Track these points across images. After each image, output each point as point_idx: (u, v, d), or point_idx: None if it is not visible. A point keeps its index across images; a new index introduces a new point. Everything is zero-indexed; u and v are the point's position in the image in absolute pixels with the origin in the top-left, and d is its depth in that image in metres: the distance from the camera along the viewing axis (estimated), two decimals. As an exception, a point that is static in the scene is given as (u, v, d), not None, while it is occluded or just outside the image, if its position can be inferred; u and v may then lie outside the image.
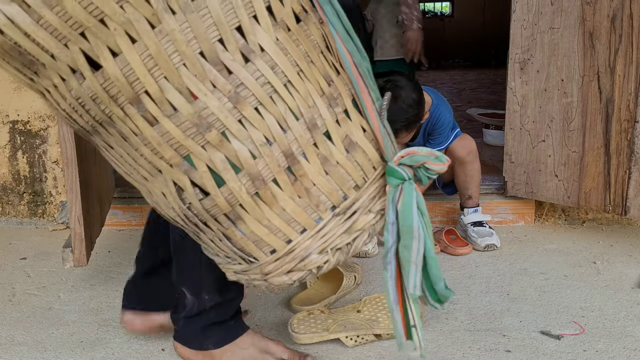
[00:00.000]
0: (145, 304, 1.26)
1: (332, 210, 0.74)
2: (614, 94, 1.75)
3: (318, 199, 0.73)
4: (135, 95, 0.66)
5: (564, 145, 1.90)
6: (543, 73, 1.89)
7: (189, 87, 0.65)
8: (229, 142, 0.68)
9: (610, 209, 1.82)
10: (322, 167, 0.72)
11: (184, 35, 0.63)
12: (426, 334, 1.34)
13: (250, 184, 0.70)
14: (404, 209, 0.75)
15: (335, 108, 0.73)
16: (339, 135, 0.73)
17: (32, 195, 2.22)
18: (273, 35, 0.67)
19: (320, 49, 0.73)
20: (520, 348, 1.27)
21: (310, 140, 0.71)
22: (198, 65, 0.64)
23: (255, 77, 0.67)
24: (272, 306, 1.49)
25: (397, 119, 1.69)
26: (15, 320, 1.46)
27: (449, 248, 1.82)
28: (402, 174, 0.75)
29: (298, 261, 0.75)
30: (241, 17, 0.65)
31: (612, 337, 1.31)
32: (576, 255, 1.79)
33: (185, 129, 0.68)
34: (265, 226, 0.73)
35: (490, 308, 1.46)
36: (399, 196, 0.75)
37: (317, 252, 0.75)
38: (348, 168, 0.74)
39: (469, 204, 1.94)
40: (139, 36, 0.62)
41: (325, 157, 0.72)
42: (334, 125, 0.72)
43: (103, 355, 1.29)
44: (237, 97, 0.66)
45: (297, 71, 0.69)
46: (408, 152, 0.77)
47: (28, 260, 1.87)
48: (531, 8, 1.87)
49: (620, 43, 1.71)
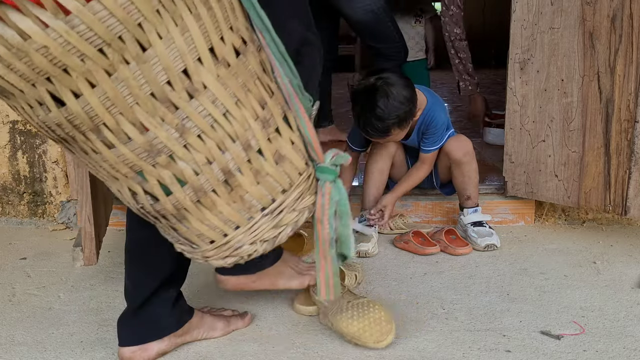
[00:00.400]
0: (142, 336, 1.25)
1: (262, 211, 0.90)
2: (614, 94, 1.75)
3: (250, 203, 0.88)
4: (95, 127, 0.77)
5: (564, 145, 1.90)
6: (543, 73, 1.89)
7: (141, 122, 0.77)
8: (176, 163, 0.81)
9: (610, 209, 1.82)
10: (254, 179, 0.87)
11: (136, 81, 0.74)
12: (426, 334, 1.34)
13: (193, 194, 0.84)
14: (340, 197, 0.95)
15: (268, 128, 0.86)
16: (270, 151, 0.87)
17: (32, 195, 2.22)
18: (215, 73, 0.79)
19: (257, 75, 0.86)
20: (520, 348, 1.27)
21: (245, 157, 0.85)
22: (149, 104, 0.76)
23: (198, 110, 0.79)
24: (272, 306, 1.49)
25: (389, 116, 1.70)
26: (15, 320, 1.46)
27: (449, 248, 1.82)
28: (334, 170, 0.94)
29: (232, 250, 0.91)
30: (187, 62, 0.76)
31: (612, 337, 1.31)
32: (576, 255, 1.79)
33: (138, 154, 0.80)
34: (206, 224, 0.88)
35: (490, 308, 1.46)
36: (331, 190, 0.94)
37: (249, 244, 0.91)
38: (277, 177, 0.89)
39: (468, 204, 1.94)
40: (98, 82, 0.72)
41: (258, 170, 0.87)
42: (266, 143, 0.87)
43: (103, 355, 1.29)
44: (182, 128, 0.79)
45: (235, 101, 0.82)
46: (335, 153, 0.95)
47: (28, 260, 1.87)
48: (531, 8, 1.87)
49: (620, 43, 1.71)
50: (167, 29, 0.73)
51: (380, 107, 1.70)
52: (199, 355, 1.27)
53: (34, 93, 0.74)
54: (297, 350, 1.28)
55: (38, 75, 0.71)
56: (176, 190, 0.84)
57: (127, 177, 0.84)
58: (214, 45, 0.79)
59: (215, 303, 1.51)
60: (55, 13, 0.67)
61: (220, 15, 0.79)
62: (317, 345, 1.30)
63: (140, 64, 0.73)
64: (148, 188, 0.85)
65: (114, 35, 0.70)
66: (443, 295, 1.54)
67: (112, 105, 0.74)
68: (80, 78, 0.71)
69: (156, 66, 0.74)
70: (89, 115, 0.75)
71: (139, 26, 0.71)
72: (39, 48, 0.68)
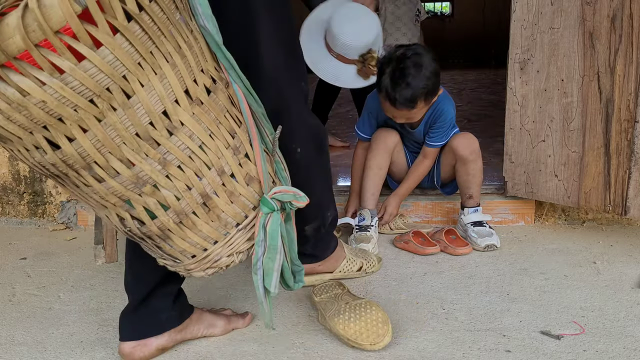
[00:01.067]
0: (142, 332, 1.25)
1: (236, 227, 1.00)
2: (614, 94, 1.75)
3: (226, 220, 0.99)
4: (87, 165, 0.87)
5: (564, 145, 1.90)
6: (543, 73, 1.89)
7: (128, 158, 0.87)
8: (160, 191, 0.92)
9: (610, 209, 1.82)
10: (229, 199, 0.98)
11: (123, 124, 0.84)
12: (426, 334, 1.34)
13: (176, 216, 0.95)
14: (271, 232, 1.01)
15: (238, 155, 0.98)
16: (242, 174, 0.99)
17: (32, 195, 2.22)
18: (190, 111, 0.90)
19: (226, 109, 0.96)
20: (520, 348, 1.27)
21: (220, 181, 0.96)
22: (134, 143, 0.86)
23: (177, 145, 0.90)
24: (272, 306, 1.49)
25: (419, 85, 1.72)
26: (15, 320, 1.46)
27: (449, 248, 1.82)
28: (273, 205, 1.01)
29: (212, 262, 1.01)
30: (166, 104, 0.87)
31: (612, 337, 1.31)
32: (576, 255, 1.79)
33: (126, 185, 0.90)
34: (188, 242, 0.99)
35: (490, 308, 1.46)
36: (268, 221, 1.01)
37: (227, 256, 1.01)
38: (248, 196, 1.00)
39: (469, 203, 1.94)
40: (89, 127, 0.83)
41: (232, 191, 0.98)
42: (237, 167, 0.98)
43: (103, 355, 1.29)
44: (164, 161, 0.90)
45: (208, 134, 0.93)
46: (281, 190, 1.02)
47: (28, 260, 1.87)
48: (531, 8, 1.87)
49: (620, 43, 1.71)
50: (148, 78, 0.84)
51: (412, 74, 1.72)
52: (199, 355, 1.27)
53: (31, 139, 0.84)
54: (297, 350, 1.28)
55: (35, 124, 0.81)
56: (160, 214, 0.94)
57: (115, 206, 0.95)
58: (189, 87, 0.90)
59: (215, 303, 1.52)
60: (51, 72, 0.77)
61: (193, 61, 0.90)
62: (317, 345, 1.30)
63: (126, 110, 0.83)
64: (135, 214, 0.95)
65: (102, 87, 0.80)
66: (443, 295, 1.54)
67: (102, 146, 0.85)
68: (73, 125, 0.82)
69: (139, 110, 0.84)
70: (81, 155, 0.85)
71: (123, 78, 0.82)
72: (37, 102, 0.78)
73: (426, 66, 1.73)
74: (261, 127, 1.04)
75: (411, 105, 1.76)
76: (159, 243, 1.00)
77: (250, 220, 1.01)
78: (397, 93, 1.73)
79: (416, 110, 1.79)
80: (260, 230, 1.01)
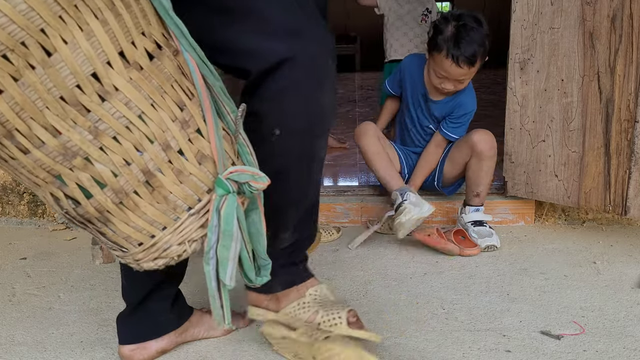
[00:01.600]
0: (141, 335, 1.25)
1: (188, 211, 0.90)
2: (614, 94, 1.75)
3: (175, 203, 0.89)
4: (8, 132, 0.79)
5: (564, 145, 1.90)
6: (543, 73, 1.89)
7: (53, 125, 0.79)
8: (93, 165, 0.83)
9: (610, 209, 1.82)
10: (177, 178, 0.88)
11: (44, 85, 0.76)
12: (426, 334, 1.34)
13: (114, 196, 0.86)
14: (225, 216, 0.90)
15: (187, 129, 0.88)
16: (192, 152, 0.89)
17: (32, 195, 2.22)
18: (126, 76, 0.81)
19: (174, 78, 0.88)
20: (520, 348, 1.27)
21: (165, 158, 0.86)
22: (59, 108, 0.78)
23: (111, 112, 0.81)
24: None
25: (481, 42, 1.79)
26: (15, 320, 1.46)
27: (457, 249, 1.82)
28: (228, 187, 0.90)
29: (161, 251, 0.92)
30: (95, 65, 0.78)
31: (612, 337, 1.31)
32: (576, 255, 1.79)
33: (53, 157, 0.82)
34: (131, 226, 0.89)
35: (490, 308, 1.46)
36: (222, 204, 0.90)
37: (177, 244, 0.91)
38: (200, 177, 0.90)
39: (474, 201, 1.93)
40: (5, 88, 0.75)
41: (180, 170, 0.88)
42: (187, 143, 0.88)
43: (103, 356, 1.29)
44: (96, 130, 0.81)
45: (150, 103, 0.84)
46: (237, 169, 0.91)
47: (28, 260, 1.87)
48: (531, 8, 1.87)
49: (620, 43, 1.71)
50: (73, 34, 0.76)
51: (475, 29, 1.78)
52: (199, 355, 1.27)
53: None
54: (297, 350, 1.28)
55: None
56: (96, 192, 0.85)
57: (47, 182, 0.86)
58: (124, 50, 0.81)
59: (215, 303, 1.52)
60: None
61: (130, 21, 0.82)
62: (317, 345, 1.30)
63: (47, 69, 0.76)
64: (69, 192, 0.86)
65: (16, 41, 0.73)
66: (443, 295, 1.54)
67: (22, 110, 0.77)
68: None
69: (63, 70, 0.77)
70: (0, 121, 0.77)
71: (41, 32, 0.74)
72: None
73: (484, 27, 1.80)
74: (221, 103, 0.93)
75: (471, 62, 1.79)
76: (101, 228, 0.91)
77: (204, 204, 0.92)
78: (461, 48, 1.77)
79: (473, 69, 1.83)
80: (214, 215, 0.90)
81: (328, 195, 2.15)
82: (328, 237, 1.95)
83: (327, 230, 1.96)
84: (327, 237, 1.95)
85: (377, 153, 1.94)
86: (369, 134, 1.96)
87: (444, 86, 1.88)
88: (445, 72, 1.83)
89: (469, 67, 1.80)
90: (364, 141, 1.96)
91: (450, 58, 1.78)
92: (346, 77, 6.76)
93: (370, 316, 1.42)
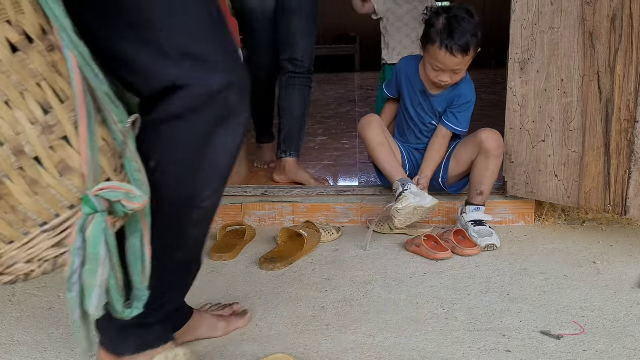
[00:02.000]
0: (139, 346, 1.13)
1: (41, 226, 0.80)
2: (614, 94, 1.75)
3: (25, 215, 0.79)
4: None
5: (564, 145, 1.90)
6: (543, 73, 1.89)
7: None
8: None
9: (610, 209, 1.82)
10: (29, 189, 0.78)
11: None
12: (426, 334, 1.34)
13: None
14: (92, 238, 0.80)
15: (50, 135, 0.78)
16: (52, 161, 0.79)
17: (32, 195, 2.22)
18: None
19: (42, 77, 0.78)
20: (520, 348, 1.27)
21: (16, 164, 0.76)
22: None
23: None
24: (272, 306, 1.49)
25: (473, 31, 1.82)
26: (15, 320, 1.46)
27: (457, 249, 1.81)
28: (96, 205, 0.79)
29: (5, 267, 0.81)
30: None
31: (612, 337, 1.31)
32: (576, 255, 1.79)
33: None
34: None
35: (490, 308, 1.46)
36: (89, 224, 0.80)
37: (24, 262, 0.81)
38: (60, 190, 0.80)
39: (477, 200, 1.93)
40: None
41: (34, 179, 0.78)
42: (46, 150, 0.78)
43: (103, 355, 1.29)
44: None
45: (4, 100, 0.74)
46: (108, 186, 0.80)
47: (28, 260, 1.87)
48: (531, 8, 1.87)
49: (620, 43, 1.71)
50: None
51: (467, 20, 1.82)
52: (199, 355, 1.27)
53: None
54: (297, 350, 1.28)
55: None
56: None
57: None
58: None
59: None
60: None
61: None
62: (317, 345, 1.30)
63: None
64: None
65: None
66: (443, 295, 1.54)
67: None
68: None
69: None
70: None
71: None
72: None
73: (475, 17, 1.84)
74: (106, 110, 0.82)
75: (465, 51, 1.82)
76: None
77: (61, 221, 0.81)
78: (455, 37, 1.80)
79: (467, 58, 1.85)
80: (78, 236, 0.80)
81: (328, 195, 2.15)
82: (328, 237, 1.95)
83: (327, 230, 1.96)
84: (327, 237, 1.95)
85: (382, 144, 1.95)
86: (373, 126, 1.97)
87: (440, 79, 1.89)
88: (441, 63, 1.86)
89: (463, 56, 1.83)
90: (368, 132, 1.97)
91: (444, 48, 1.81)
92: (346, 77, 6.76)
93: (370, 316, 1.43)
